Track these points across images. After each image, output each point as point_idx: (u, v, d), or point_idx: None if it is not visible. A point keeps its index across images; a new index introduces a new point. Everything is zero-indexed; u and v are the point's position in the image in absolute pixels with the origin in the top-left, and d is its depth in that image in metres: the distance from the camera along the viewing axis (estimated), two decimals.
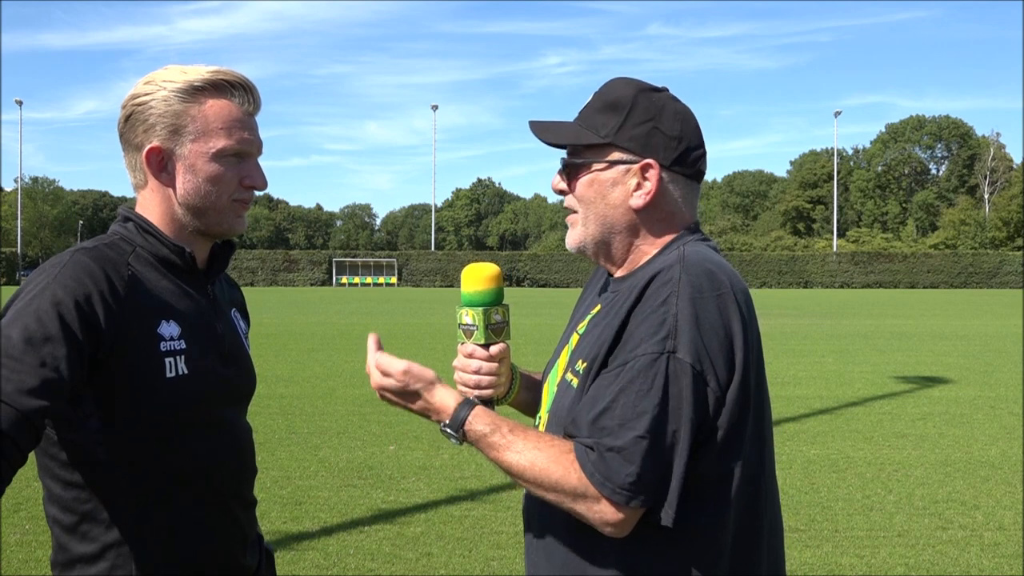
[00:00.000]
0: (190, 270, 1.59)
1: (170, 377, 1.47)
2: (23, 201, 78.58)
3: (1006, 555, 4.75)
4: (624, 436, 1.29)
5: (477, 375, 1.56)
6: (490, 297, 1.56)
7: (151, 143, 1.53)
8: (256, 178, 1.60)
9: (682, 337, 1.31)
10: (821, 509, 5.59)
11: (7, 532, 4.84)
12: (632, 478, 1.29)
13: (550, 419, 1.51)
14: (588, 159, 1.50)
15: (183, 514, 1.51)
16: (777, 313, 27.67)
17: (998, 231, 76.36)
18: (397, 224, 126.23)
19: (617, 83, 1.52)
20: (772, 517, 1.48)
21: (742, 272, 61.64)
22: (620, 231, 1.50)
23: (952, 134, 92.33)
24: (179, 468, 1.51)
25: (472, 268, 1.58)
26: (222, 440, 1.59)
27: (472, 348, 1.56)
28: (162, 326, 1.49)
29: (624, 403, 1.31)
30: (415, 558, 4.61)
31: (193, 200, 1.55)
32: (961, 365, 13.21)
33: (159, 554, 1.49)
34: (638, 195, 1.47)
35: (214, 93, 1.55)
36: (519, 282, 61.56)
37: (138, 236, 1.55)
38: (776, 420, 8.65)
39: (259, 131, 1.62)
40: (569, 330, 1.62)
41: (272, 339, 16.95)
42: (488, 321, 1.55)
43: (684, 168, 1.49)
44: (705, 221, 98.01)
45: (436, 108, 72.24)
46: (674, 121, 1.48)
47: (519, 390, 1.69)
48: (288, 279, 62.45)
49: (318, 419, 8.52)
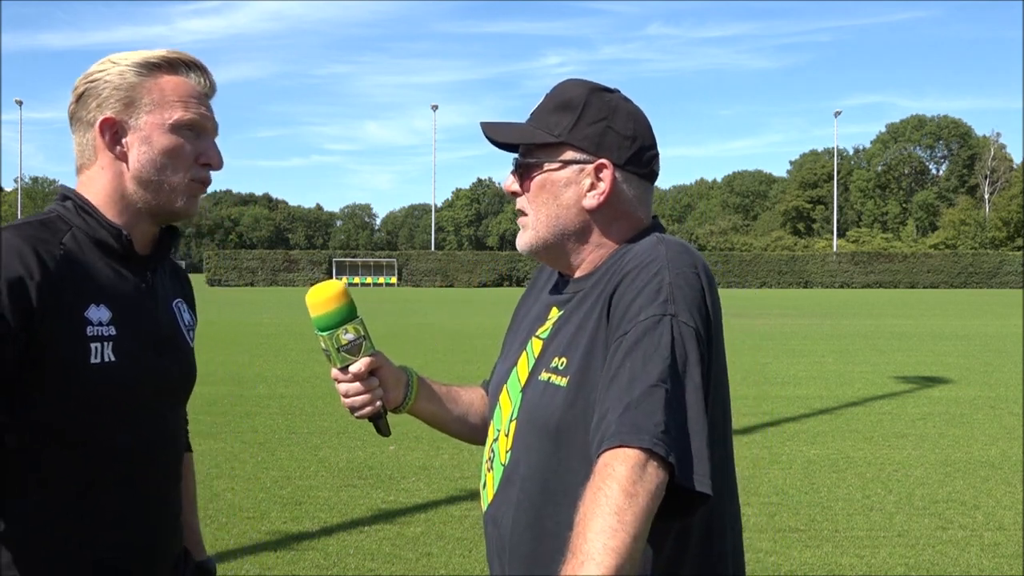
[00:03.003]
0: (127, 254, 1.52)
1: (94, 363, 1.42)
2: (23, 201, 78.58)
3: (1006, 555, 4.75)
4: (637, 389, 1.23)
5: (348, 398, 1.56)
6: (334, 319, 1.52)
7: (104, 115, 1.49)
8: (212, 155, 1.55)
9: (680, 303, 1.30)
10: (821, 509, 5.59)
11: None
12: (661, 427, 1.20)
13: (523, 423, 1.46)
14: (541, 159, 1.48)
15: (95, 508, 1.45)
16: (777, 313, 27.66)
17: (998, 231, 76.38)
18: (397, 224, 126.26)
19: (569, 84, 1.51)
20: (734, 507, 1.47)
21: (742, 272, 61.69)
22: (573, 232, 1.48)
23: (952, 134, 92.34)
24: (95, 459, 1.45)
25: (312, 292, 1.54)
26: (148, 434, 1.53)
27: (335, 373, 1.56)
28: (91, 310, 1.43)
29: (632, 366, 1.26)
30: (415, 558, 4.61)
31: (148, 174, 1.51)
32: (961, 365, 13.21)
33: (60, 552, 1.42)
34: (592, 195, 1.45)
35: (170, 70, 1.53)
36: (519, 282, 61.49)
37: (75, 216, 1.50)
38: (776, 420, 8.65)
39: (215, 114, 1.59)
40: (521, 336, 1.58)
41: (272, 339, 16.94)
42: (338, 344, 1.51)
43: (638, 168, 1.48)
44: (705, 221, 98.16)
45: (436, 108, 72.25)
46: (627, 120, 1.47)
47: (417, 399, 1.65)
48: (288, 279, 62.37)
49: (318, 419, 8.52)
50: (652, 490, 1.17)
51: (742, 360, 13.35)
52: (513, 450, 1.47)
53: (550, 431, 1.40)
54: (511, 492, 1.46)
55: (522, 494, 1.43)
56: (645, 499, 1.15)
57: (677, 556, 1.36)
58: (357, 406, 1.57)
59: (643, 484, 1.16)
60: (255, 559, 4.54)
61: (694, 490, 1.21)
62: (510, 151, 1.55)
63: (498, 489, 1.50)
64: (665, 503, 1.20)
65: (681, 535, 1.36)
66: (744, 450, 7.20)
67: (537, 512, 1.41)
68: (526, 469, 1.43)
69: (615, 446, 1.19)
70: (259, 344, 15.89)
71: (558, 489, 1.38)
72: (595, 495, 1.16)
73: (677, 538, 1.36)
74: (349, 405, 1.58)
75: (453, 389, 1.74)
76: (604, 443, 1.21)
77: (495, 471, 1.52)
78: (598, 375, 1.34)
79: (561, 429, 1.38)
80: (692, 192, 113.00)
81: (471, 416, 1.72)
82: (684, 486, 1.21)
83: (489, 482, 1.54)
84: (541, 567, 1.39)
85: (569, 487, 1.34)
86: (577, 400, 1.37)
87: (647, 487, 1.16)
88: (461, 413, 1.72)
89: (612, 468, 1.17)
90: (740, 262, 62.91)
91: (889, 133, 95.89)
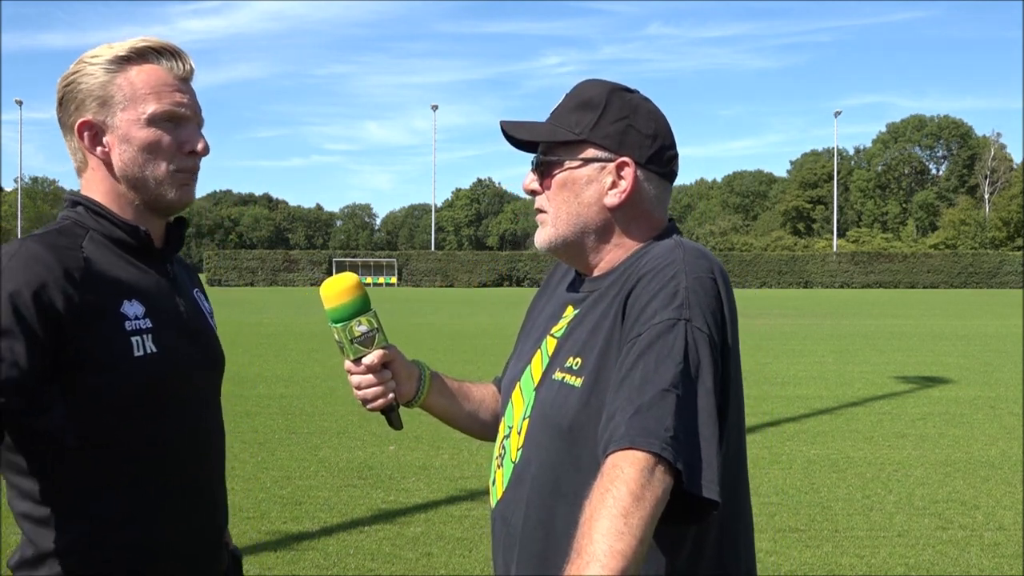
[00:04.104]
0: (147, 249, 1.54)
1: (139, 356, 1.44)
2: (23, 201, 78.59)
3: (1006, 555, 4.75)
4: (649, 392, 1.23)
5: (360, 390, 1.57)
6: (348, 311, 1.53)
7: (82, 118, 1.49)
8: (194, 141, 1.53)
9: (695, 308, 1.30)
10: (821, 509, 5.59)
11: (7, 532, 4.84)
12: (671, 432, 1.19)
13: (536, 421, 1.46)
14: (562, 157, 1.48)
15: (155, 502, 1.48)
16: (777, 313, 27.66)
17: (998, 231, 76.38)
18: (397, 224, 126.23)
19: (589, 84, 1.52)
20: (748, 512, 1.47)
21: (742, 272, 61.66)
22: (593, 230, 1.48)
23: (952, 134, 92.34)
24: (150, 452, 1.47)
25: (327, 284, 1.55)
26: (194, 423, 1.55)
27: (348, 365, 1.57)
28: (125, 306, 1.45)
29: (644, 368, 1.26)
30: (415, 558, 4.61)
31: (131, 171, 1.50)
32: (961, 365, 13.21)
33: (130, 544, 1.45)
34: (613, 193, 1.46)
35: (140, 61, 1.51)
36: (519, 282, 61.49)
37: (89, 219, 1.51)
38: (776, 420, 8.65)
39: (196, 97, 1.57)
40: (536, 334, 1.58)
41: (272, 339, 16.95)
42: (351, 336, 1.52)
43: (659, 167, 1.48)
44: (705, 221, 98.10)
45: (436, 108, 72.24)
46: (648, 119, 1.48)
47: (429, 393, 1.66)
48: (288, 279, 62.36)
49: (318, 419, 8.52)
50: (659, 495, 1.17)
51: (742, 360, 13.25)
52: (525, 448, 1.47)
53: (563, 431, 1.40)
54: (522, 490, 1.45)
55: (533, 493, 1.43)
56: (652, 503, 1.16)
57: (693, 560, 1.36)
58: (369, 398, 1.58)
59: (650, 488, 1.16)
60: (255, 559, 4.54)
61: (702, 496, 1.21)
62: (529, 150, 1.55)
63: (508, 487, 1.50)
64: (674, 508, 1.20)
65: (697, 539, 1.36)
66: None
67: (548, 511, 1.41)
68: (537, 468, 1.43)
69: (624, 448, 1.19)
70: (259, 344, 15.89)
71: (570, 489, 1.38)
72: (602, 496, 1.16)
73: (693, 544, 1.36)
74: (361, 397, 1.59)
75: (465, 385, 1.74)
76: (613, 444, 1.21)
77: (505, 468, 1.52)
78: (611, 376, 1.33)
79: (574, 429, 1.38)
80: (692, 192, 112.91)
81: (482, 413, 1.73)
82: (691, 492, 1.20)
83: (499, 479, 1.54)
84: (551, 566, 1.39)
85: (581, 487, 1.33)
86: (591, 400, 1.37)
87: (654, 491, 1.16)
88: (472, 409, 1.72)
89: (621, 469, 1.17)
90: (740, 262, 62.89)
91: (889, 133, 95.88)
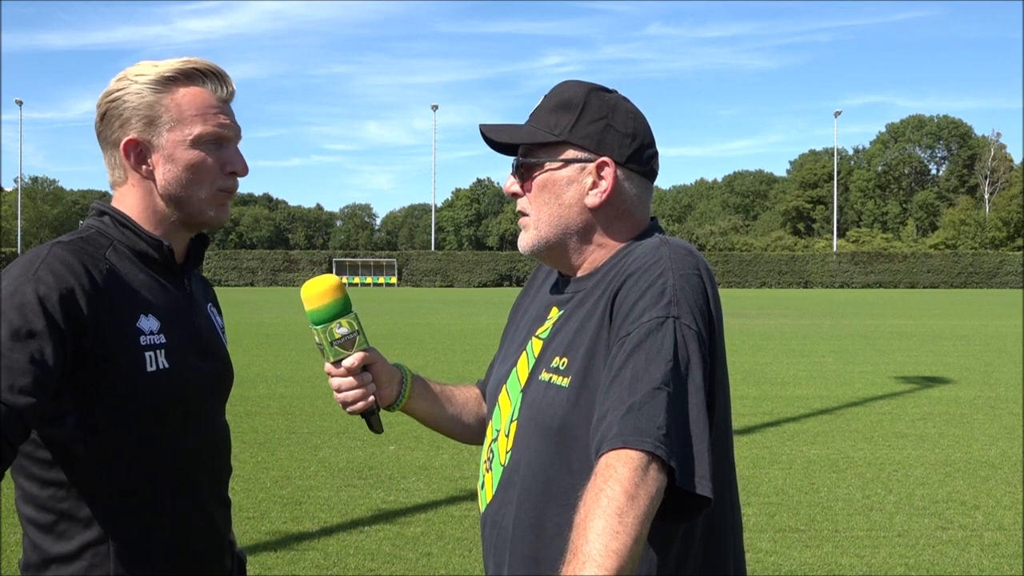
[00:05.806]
0: (168, 264, 1.57)
1: (151, 371, 1.45)
2: (23, 201, 78.62)
3: (1006, 555, 4.75)
4: (640, 391, 1.23)
5: (340, 393, 1.57)
6: (329, 312, 1.53)
7: (128, 136, 1.52)
8: (236, 163, 1.58)
9: (683, 306, 1.30)
10: (821, 509, 5.59)
11: (7, 532, 4.84)
12: (663, 430, 1.19)
13: (524, 423, 1.46)
14: (542, 158, 1.48)
15: (162, 511, 1.49)
16: (777, 313, 27.67)
17: (998, 231, 76.38)
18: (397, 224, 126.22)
19: (568, 84, 1.52)
20: (736, 512, 1.47)
21: (742, 272, 61.70)
22: (575, 231, 1.48)
23: (952, 134, 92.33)
24: (159, 463, 1.49)
25: (307, 285, 1.55)
26: (201, 435, 1.58)
27: (328, 367, 1.57)
28: (141, 320, 1.47)
29: (634, 367, 1.26)
30: (415, 558, 4.61)
31: (175, 190, 1.54)
32: (961, 365, 13.22)
33: (137, 553, 1.47)
34: (594, 193, 1.46)
35: (186, 82, 1.54)
36: (519, 282, 61.48)
37: (114, 230, 1.53)
38: (776, 420, 8.65)
39: (235, 117, 1.60)
40: (520, 336, 1.58)
41: (272, 339, 16.95)
42: (332, 338, 1.53)
43: (639, 165, 1.48)
44: (705, 221, 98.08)
45: (436, 108, 72.25)
46: (627, 119, 1.48)
47: (411, 396, 1.66)
48: (288, 279, 62.36)
49: (318, 419, 8.52)
50: (653, 493, 1.17)
51: (742, 360, 13.35)
52: (513, 451, 1.46)
53: (552, 432, 1.39)
54: (512, 492, 1.45)
55: (523, 495, 1.43)
56: (646, 501, 1.15)
57: (681, 557, 1.36)
58: (349, 401, 1.58)
59: (644, 486, 1.16)
60: (255, 559, 4.54)
61: (695, 493, 1.21)
62: (509, 153, 1.55)
63: (497, 490, 1.49)
64: (666, 505, 1.20)
65: (685, 536, 1.36)
66: (744, 450, 7.20)
67: (539, 513, 1.40)
68: (527, 470, 1.43)
69: (617, 447, 1.19)
70: (259, 344, 15.89)
71: (560, 490, 1.38)
72: (597, 495, 1.16)
73: (682, 539, 1.36)
74: (341, 400, 1.58)
75: (448, 388, 1.74)
76: (605, 444, 1.21)
77: (494, 472, 1.51)
78: (600, 376, 1.33)
79: (563, 430, 1.38)
80: (692, 192, 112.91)
81: (465, 416, 1.73)
82: (685, 489, 1.21)
83: (488, 483, 1.53)
84: (543, 567, 1.38)
85: (571, 488, 1.33)
86: (579, 401, 1.37)
87: (648, 490, 1.16)
88: (455, 412, 1.72)
89: (614, 469, 1.17)
90: (740, 262, 62.90)
91: (889, 133, 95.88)
